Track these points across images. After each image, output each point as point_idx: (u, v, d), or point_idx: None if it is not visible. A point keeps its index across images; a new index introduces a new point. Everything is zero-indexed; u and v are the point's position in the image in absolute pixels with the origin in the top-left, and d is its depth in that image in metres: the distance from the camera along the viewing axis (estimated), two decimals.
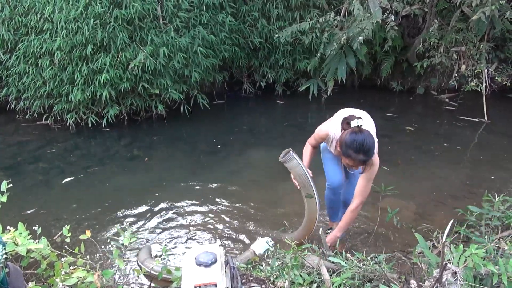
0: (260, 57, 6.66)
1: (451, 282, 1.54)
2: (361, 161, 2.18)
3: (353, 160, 2.17)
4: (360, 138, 2.12)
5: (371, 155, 2.17)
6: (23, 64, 5.58)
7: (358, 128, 2.14)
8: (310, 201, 2.56)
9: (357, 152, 2.13)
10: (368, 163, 2.23)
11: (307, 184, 2.49)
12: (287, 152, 2.46)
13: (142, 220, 3.56)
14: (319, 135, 2.55)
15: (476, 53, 5.81)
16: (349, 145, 2.13)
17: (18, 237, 1.80)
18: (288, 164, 2.46)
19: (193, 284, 1.41)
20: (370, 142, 2.14)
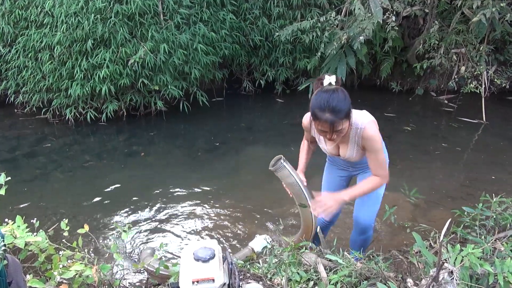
0: (260, 55, 6.67)
1: (448, 281, 1.55)
2: (328, 122, 1.81)
3: (320, 122, 1.84)
4: (326, 94, 1.82)
5: (341, 115, 1.81)
6: (23, 57, 5.57)
7: (329, 85, 1.86)
8: (304, 210, 2.34)
9: (322, 111, 1.81)
10: (338, 126, 1.84)
11: (300, 194, 2.26)
12: (278, 159, 2.19)
13: (140, 215, 3.56)
14: (304, 125, 2.23)
15: (476, 55, 5.83)
16: (314, 103, 1.85)
17: (16, 230, 1.80)
18: (278, 174, 2.22)
19: (191, 279, 1.41)
20: (339, 99, 1.81)
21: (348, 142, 2.07)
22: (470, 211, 2.30)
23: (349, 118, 1.88)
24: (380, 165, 2.02)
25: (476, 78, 5.89)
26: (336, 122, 1.83)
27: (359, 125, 1.98)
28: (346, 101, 1.83)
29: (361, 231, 2.36)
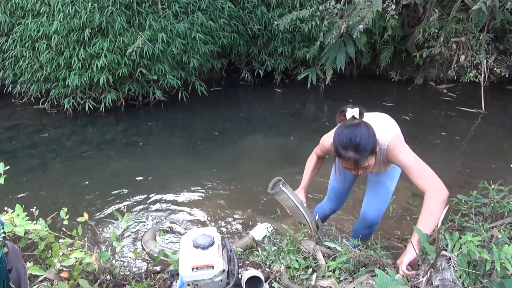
0: (259, 44, 6.62)
1: (445, 267, 1.56)
2: (352, 160, 1.75)
3: (344, 160, 1.78)
4: (349, 131, 1.74)
5: (365, 153, 1.74)
6: (20, 47, 5.52)
7: (352, 119, 1.78)
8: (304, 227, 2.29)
9: (345, 149, 1.75)
10: (363, 163, 1.77)
11: (299, 215, 2.23)
12: (276, 181, 2.15)
13: (139, 205, 3.57)
14: (324, 146, 2.14)
15: (476, 43, 5.80)
16: (336, 140, 1.78)
17: (15, 218, 1.80)
18: (277, 197, 2.18)
19: (191, 266, 1.42)
20: (362, 136, 1.72)
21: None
22: (465, 199, 2.31)
23: (375, 154, 1.79)
24: (419, 177, 1.76)
25: (476, 67, 5.88)
26: (360, 160, 1.75)
27: (382, 145, 1.89)
28: (370, 137, 1.74)
29: (367, 225, 2.34)
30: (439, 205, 1.66)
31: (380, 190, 2.22)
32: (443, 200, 1.68)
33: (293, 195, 2.18)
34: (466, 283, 1.51)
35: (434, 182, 1.72)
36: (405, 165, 1.81)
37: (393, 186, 2.21)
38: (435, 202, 1.67)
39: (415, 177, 1.77)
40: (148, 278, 2.04)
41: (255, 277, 1.52)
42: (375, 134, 1.78)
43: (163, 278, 1.98)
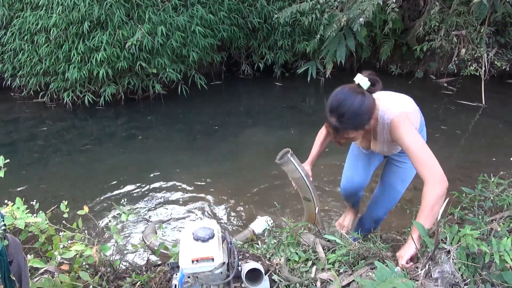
0: (259, 38, 6.60)
1: (445, 260, 1.56)
2: (332, 126, 1.65)
3: (326, 122, 1.67)
4: (343, 95, 1.62)
5: (347, 125, 1.63)
6: (19, 40, 5.50)
7: (357, 87, 1.64)
8: (308, 204, 2.30)
9: (330, 112, 1.64)
10: (343, 133, 1.67)
11: (305, 188, 2.22)
12: (285, 153, 2.14)
13: (139, 198, 3.58)
14: None
15: (477, 37, 5.78)
16: (329, 100, 1.66)
17: (16, 211, 1.80)
18: (284, 167, 2.18)
19: (191, 258, 1.43)
20: (352, 107, 1.59)
21: (377, 137, 1.88)
22: (469, 191, 2.30)
23: (361, 129, 1.68)
24: (421, 163, 1.64)
25: (476, 60, 5.86)
26: (340, 130, 1.66)
27: (385, 119, 1.75)
28: (361, 112, 1.61)
29: (373, 220, 2.35)
30: (439, 198, 1.60)
31: (390, 191, 2.19)
32: (442, 192, 1.61)
33: (300, 167, 2.15)
34: (465, 275, 1.52)
35: (435, 172, 1.62)
36: (408, 147, 1.68)
37: (404, 188, 2.17)
38: (434, 195, 1.60)
39: (416, 163, 1.66)
40: (148, 270, 2.05)
41: (255, 269, 1.52)
42: (369, 112, 1.64)
43: (163, 270, 1.99)
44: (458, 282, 1.51)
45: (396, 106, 1.76)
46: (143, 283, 1.90)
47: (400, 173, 2.13)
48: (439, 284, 1.51)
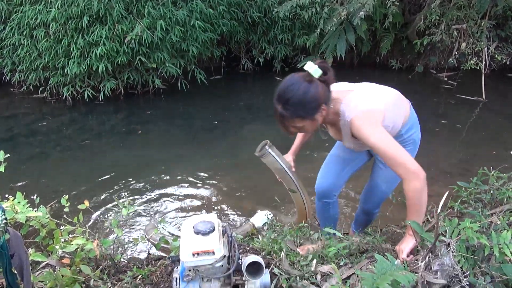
0: (258, 32, 6.57)
1: (444, 253, 1.57)
2: (278, 113, 1.61)
3: (274, 110, 1.64)
4: (289, 82, 1.58)
5: (292, 113, 1.59)
6: (18, 35, 5.49)
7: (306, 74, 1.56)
8: (295, 195, 2.29)
9: (276, 99, 1.61)
10: (289, 122, 1.63)
11: (288, 179, 2.20)
12: (264, 145, 2.12)
13: (139, 192, 3.58)
14: None
15: (477, 30, 5.76)
16: (279, 85, 1.62)
17: (16, 206, 1.81)
18: (264, 160, 2.17)
19: (191, 251, 1.43)
20: (296, 94, 1.55)
21: (342, 132, 1.81)
22: (465, 185, 2.31)
23: (307, 119, 1.63)
24: (392, 162, 1.58)
25: (477, 54, 5.84)
26: (285, 118, 1.62)
27: (346, 117, 1.67)
28: (306, 101, 1.56)
29: (364, 212, 2.31)
30: (420, 192, 1.58)
31: (377, 191, 2.14)
32: (420, 185, 1.56)
33: (281, 158, 2.13)
34: (465, 268, 1.52)
35: (407, 168, 1.55)
36: (374, 147, 1.60)
37: (390, 189, 2.09)
38: (414, 191, 1.58)
39: (388, 162, 1.60)
40: (149, 264, 2.06)
41: (255, 262, 1.53)
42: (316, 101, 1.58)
43: (164, 264, 2.00)
44: (457, 275, 1.51)
45: (361, 103, 1.66)
46: (144, 277, 1.91)
47: (383, 175, 2.03)
48: (439, 277, 1.52)
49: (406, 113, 1.82)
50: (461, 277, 1.51)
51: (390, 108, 1.70)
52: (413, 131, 1.87)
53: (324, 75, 1.56)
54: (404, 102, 1.85)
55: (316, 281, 1.77)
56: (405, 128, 1.82)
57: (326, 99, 1.61)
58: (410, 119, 1.84)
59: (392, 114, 1.72)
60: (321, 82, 1.57)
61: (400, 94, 1.85)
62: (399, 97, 1.83)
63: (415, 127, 1.90)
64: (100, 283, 1.83)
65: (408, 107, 1.86)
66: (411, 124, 1.85)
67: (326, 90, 1.60)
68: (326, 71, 1.57)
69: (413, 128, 1.87)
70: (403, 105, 1.83)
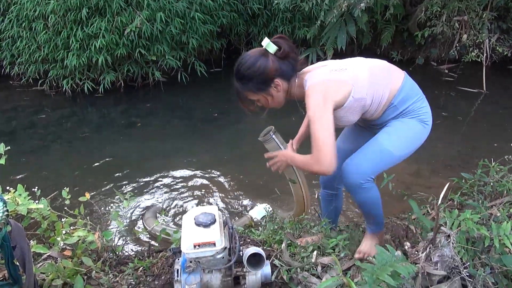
0: (258, 24, 6.54)
1: (445, 244, 1.58)
2: (235, 88, 1.70)
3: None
4: (243, 56, 1.65)
5: (244, 83, 1.66)
6: (16, 27, 5.46)
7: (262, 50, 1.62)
8: (294, 186, 2.25)
9: (234, 73, 1.68)
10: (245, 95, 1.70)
11: (289, 169, 2.15)
12: (268, 131, 2.10)
13: (140, 185, 3.59)
14: None
15: (479, 22, 5.72)
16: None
17: (18, 198, 1.81)
18: (267, 145, 2.15)
19: (192, 243, 1.44)
20: (246, 64, 1.61)
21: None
22: (468, 177, 2.31)
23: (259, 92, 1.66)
24: (313, 140, 1.57)
25: (478, 46, 5.81)
26: (240, 92, 1.69)
27: (305, 87, 1.65)
28: (254, 71, 1.60)
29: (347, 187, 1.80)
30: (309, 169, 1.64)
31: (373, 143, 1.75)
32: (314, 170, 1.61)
33: (284, 145, 2.09)
34: (465, 259, 1.53)
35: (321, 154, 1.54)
36: (309, 115, 1.57)
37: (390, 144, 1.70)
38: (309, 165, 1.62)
39: (311, 137, 1.57)
40: (150, 256, 2.07)
41: (256, 254, 1.53)
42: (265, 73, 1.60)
43: (165, 256, 2.01)
44: (457, 266, 1.52)
45: (321, 74, 1.64)
46: (145, 268, 1.92)
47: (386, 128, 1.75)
48: (439, 268, 1.53)
49: (395, 84, 1.69)
50: (461, 268, 1.51)
51: (362, 80, 1.63)
52: (410, 102, 1.71)
53: (278, 51, 1.59)
54: (392, 72, 1.73)
55: (316, 273, 1.79)
56: (397, 99, 1.68)
57: (281, 74, 1.62)
58: (402, 90, 1.69)
59: (366, 85, 1.63)
60: (277, 57, 1.60)
61: (389, 65, 1.76)
62: (383, 68, 1.73)
63: (413, 99, 1.72)
64: (102, 275, 1.84)
65: (401, 77, 1.72)
66: (404, 95, 1.69)
67: (281, 64, 1.61)
68: (280, 46, 1.59)
69: (409, 99, 1.71)
70: (388, 76, 1.71)
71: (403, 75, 1.75)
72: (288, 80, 1.66)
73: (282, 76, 1.63)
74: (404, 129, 1.71)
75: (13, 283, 1.51)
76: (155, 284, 1.81)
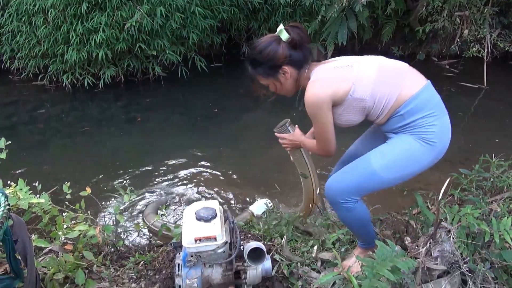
0: (259, 19, 6.51)
1: (445, 239, 1.58)
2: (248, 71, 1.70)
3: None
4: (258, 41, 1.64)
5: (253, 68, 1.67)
6: (16, 22, 5.44)
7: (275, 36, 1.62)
8: (305, 181, 2.23)
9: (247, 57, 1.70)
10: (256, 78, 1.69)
11: (302, 163, 2.13)
12: (284, 123, 2.05)
13: (140, 180, 3.59)
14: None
15: (480, 17, 5.69)
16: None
17: (19, 192, 1.81)
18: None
19: (193, 237, 1.44)
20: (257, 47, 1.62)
21: None
22: (467, 173, 2.31)
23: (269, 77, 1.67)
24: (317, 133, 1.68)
25: (479, 42, 5.79)
26: (252, 75, 1.70)
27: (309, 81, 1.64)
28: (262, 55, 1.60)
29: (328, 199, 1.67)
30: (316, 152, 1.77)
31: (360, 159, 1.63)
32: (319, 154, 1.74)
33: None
34: (465, 254, 1.53)
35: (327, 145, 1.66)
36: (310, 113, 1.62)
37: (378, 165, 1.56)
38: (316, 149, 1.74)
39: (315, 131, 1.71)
40: (151, 250, 2.07)
41: (257, 249, 1.54)
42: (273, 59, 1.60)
43: (166, 250, 2.01)
44: (457, 261, 1.53)
45: (325, 70, 1.62)
46: (146, 263, 1.93)
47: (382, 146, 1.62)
48: (439, 263, 1.53)
49: (406, 91, 1.55)
50: (461, 263, 1.52)
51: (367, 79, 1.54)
52: (419, 115, 1.55)
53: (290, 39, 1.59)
54: (407, 77, 1.60)
55: (317, 268, 1.79)
56: (405, 108, 1.54)
57: (290, 62, 1.61)
58: (414, 99, 1.54)
59: (370, 84, 1.53)
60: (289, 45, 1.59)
61: (407, 69, 1.64)
62: (397, 70, 1.62)
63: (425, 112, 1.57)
64: (103, 269, 1.85)
65: (418, 85, 1.58)
66: (415, 106, 1.54)
67: (292, 52, 1.60)
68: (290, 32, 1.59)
69: (419, 111, 1.55)
70: (401, 79, 1.58)
71: (423, 84, 1.60)
72: (299, 69, 1.65)
73: (292, 64, 1.62)
74: (400, 148, 1.57)
75: (14, 276, 1.51)
76: (156, 278, 1.82)
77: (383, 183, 1.58)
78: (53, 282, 1.67)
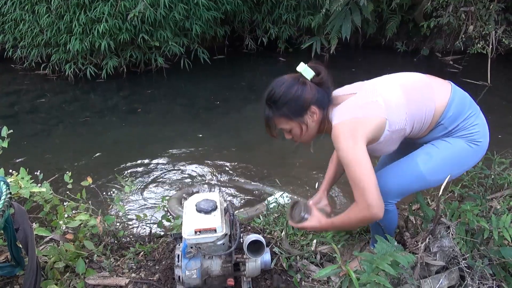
0: (263, 11, 6.48)
1: (444, 235, 1.59)
2: (264, 114, 1.55)
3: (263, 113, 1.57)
4: (276, 80, 1.52)
5: (275, 108, 1.50)
6: (19, 10, 5.42)
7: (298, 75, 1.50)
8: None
9: (264, 99, 1.55)
10: (275, 123, 1.54)
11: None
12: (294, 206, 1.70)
13: (141, 170, 3.60)
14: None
15: (485, 13, 5.65)
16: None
17: (20, 181, 1.82)
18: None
19: (193, 229, 1.45)
20: (280, 89, 1.47)
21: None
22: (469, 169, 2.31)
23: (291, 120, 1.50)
24: (354, 183, 1.40)
25: (484, 38, 5.75)
26: (269, 118, 1.52)
27: (332, 120, 1.49)
28: (287, 97, 1.46)
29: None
30: (358, 221, 1.44)
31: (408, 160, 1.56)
32: (365, 217, 1.40)
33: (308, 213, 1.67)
34: (464, 250, 1.54)
35: (365, 197, 1.37)
36: (341, 158, 1.41)
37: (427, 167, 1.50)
38: (355, 217, 1.43)
39: (350, 181, 1.41)
40: (151, 241, 2.09)
41: (256, 241, 1.54)
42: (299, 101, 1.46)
43: (166, 241, 2.02)
44: (456, 257, 1.53)
45: (350, 109, 1.46)
46: (146, 253, 1.94)
47: (429, 148, 1.54)
48: (438, 258, 1.54)
49: (440, 101, 1.48)
50: (459, 259, 1.52)
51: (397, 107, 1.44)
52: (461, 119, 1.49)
53: (317, 76, 1.49)
54: (434, 87, 1.51)
55: (315, 261, 1.80)
56: (445, 117, 1.47)
57: (318, 101, 1.48)
58: (451, 106, 1.48)
59: (402, 112, 1.44)
60: (314, 83, 1.49)
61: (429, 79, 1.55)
62: (422, 84, 1.53)
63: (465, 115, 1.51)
64: (103, 259, 1.86)
65: (447, 91, 1.51)
66: (454, 112, 1.48)
67: (318, 91, 1.48)
68: (318, 72, 1.49)
69: (460, 116, 1.49)
70: (431, 92, 1.49)
71: (449, 87, 1.52)
72: (323, 109, 1.50)
73: (318, 104, 1.48)
74: (449, 151, 1.50)
75: (15, 264, 1.53)
76: (155, 269, 1.83)
77: (426, 185, 1.55)
78: (54, 270, 1.68)
